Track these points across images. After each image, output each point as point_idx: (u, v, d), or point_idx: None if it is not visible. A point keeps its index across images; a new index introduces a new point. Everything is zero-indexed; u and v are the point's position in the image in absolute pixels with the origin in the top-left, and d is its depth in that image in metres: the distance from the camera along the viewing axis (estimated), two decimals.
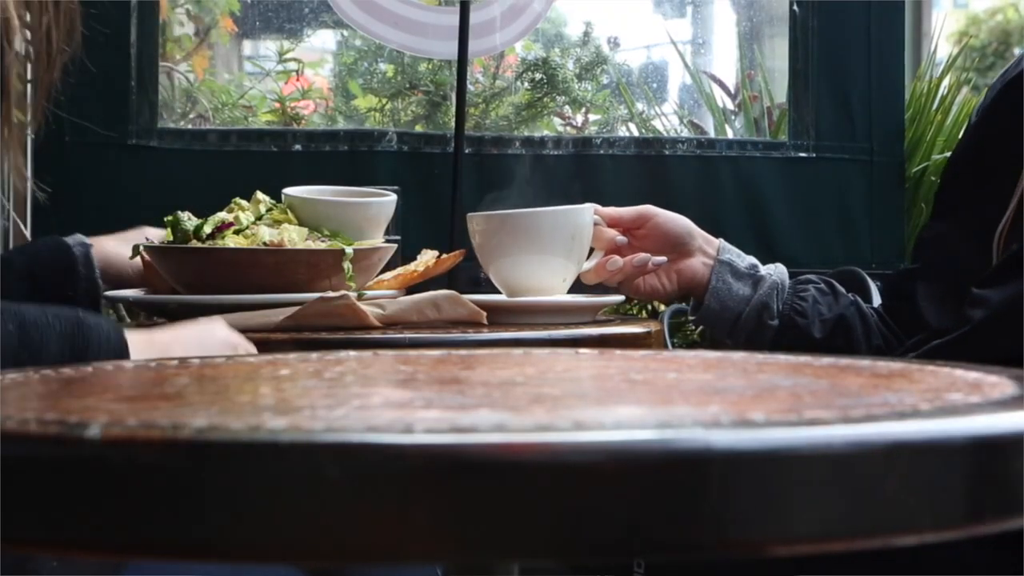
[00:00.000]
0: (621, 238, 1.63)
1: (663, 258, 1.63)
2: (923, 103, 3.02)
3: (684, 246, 1.65)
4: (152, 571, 1.19)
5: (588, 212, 1.61)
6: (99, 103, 2.37)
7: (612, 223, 1.64)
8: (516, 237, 1.60)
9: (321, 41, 4.12)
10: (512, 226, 1.61)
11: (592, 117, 3.40)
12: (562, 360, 0.86)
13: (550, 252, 1.58)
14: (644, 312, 2.87)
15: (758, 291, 1.63)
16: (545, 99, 3.21)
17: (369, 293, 1.57)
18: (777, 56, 3.18)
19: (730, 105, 3.39)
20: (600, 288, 1.78)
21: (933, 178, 2.85)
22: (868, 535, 0.53)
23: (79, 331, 1.25)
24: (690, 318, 1.70)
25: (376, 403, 0.64)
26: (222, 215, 1.60)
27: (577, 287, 1.68)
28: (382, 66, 3.55)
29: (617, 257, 1.62)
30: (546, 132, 3.22)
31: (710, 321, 1.67)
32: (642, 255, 1.62)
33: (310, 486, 0.49)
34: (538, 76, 3.20)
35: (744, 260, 1.66)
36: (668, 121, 3.50)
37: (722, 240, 1.68)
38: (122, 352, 1.27)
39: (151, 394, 0.72)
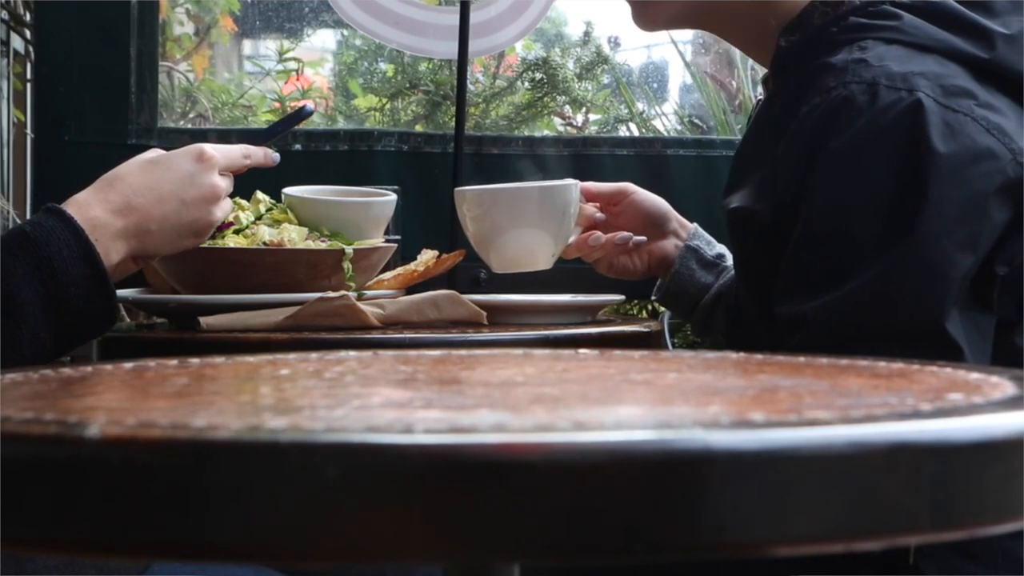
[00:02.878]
0: (599, 214, 1.63)
1: (643, 237, 1.63)
2: None
3: (659, 227, 1.65)
4: (178, 572, 1.18)
5: (578, 188, 1.61)
6: (99, 102, 2.37)
7: (590, 197, 1.64)
8: (510, 212, 1.60)
9: (321, 40, 4.12)
10: (506, 201, 1.61)
11: (592, 117, 3.40)
12: (562, 360, 0.86)
13: (543, 227, 1.58)
14: (644, 312, 2.87)
15: (719, 281, 1.63)
16: (545, 99, 3.21)
17: (369, 293, 1.57)
18: None
19: (731, 105, 3.39)
20: (600, 288, 1.78)
21: None
22: (868, 536, 0.53)
23: (41, 264, 1.22)
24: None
25: (376, 403, 0.64)
26: None
27: (565, 275, 1.69)
28: (382, 66, 3.55)
29: (599, 233, 1.62)
30: (546, 132, 3.22)
31: (669, 303, 1.68)
32: (624, 233, 1.62)
33: (310, 486, 0.49)
34: (538, 76, 3.20)
35: (713, 249, 1.66)
36: (668, 121, 3.49)
37: (696, 225, 1.68)
38: (87, 250, 1.24)
39: (151, 393, 0.72)
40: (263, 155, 1.46)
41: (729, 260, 1.64)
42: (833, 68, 1.29)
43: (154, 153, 1.38)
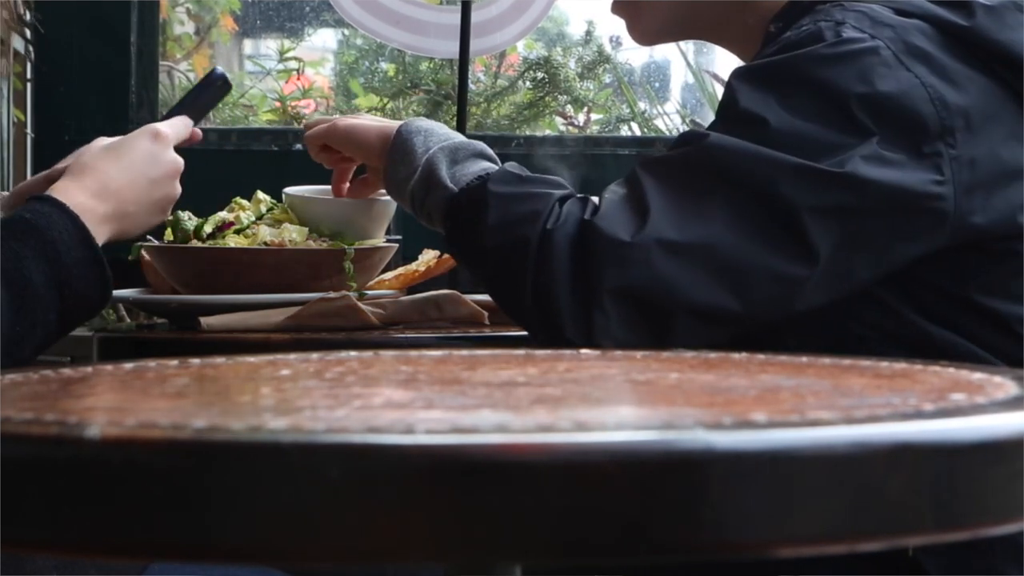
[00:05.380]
0: None
1: None
2: None
3: None
4: (176, 572, 1.19)
5: None
6: (99, 102, 2.37)
7: None
8: None
9: (322, 40, 4.12)
10: None
11: (594, 116, 3.40)
12: (564, 360, 0.86)
13: None
14: None
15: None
16: (547, 98, 3.21)
17: (370, 293, 1.57)
18: None
19: None
20: None
21: None
22: (871, 536, 0.52)
23: (46, 247, 1.25)
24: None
25: (377, 403, 0.64)
26: (222, 215, 1.60)
27: None
28: (383, 65, 3.55)
29: None
30: (548, 132, 3.22)
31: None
32: None
33: (311, 487, 0.48)
34: (540, 75, 3.20)
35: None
36: (670, 120, 3.49)
37: None
38: (84, 234, 1.28)
39: (151, 394, 0.71)
40: (189, 128, 1.49)
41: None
42: (811, 11, 1.31)
43: (108, 140, 1.42)
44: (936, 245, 1.26)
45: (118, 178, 1.36)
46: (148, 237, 1.62)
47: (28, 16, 3.19)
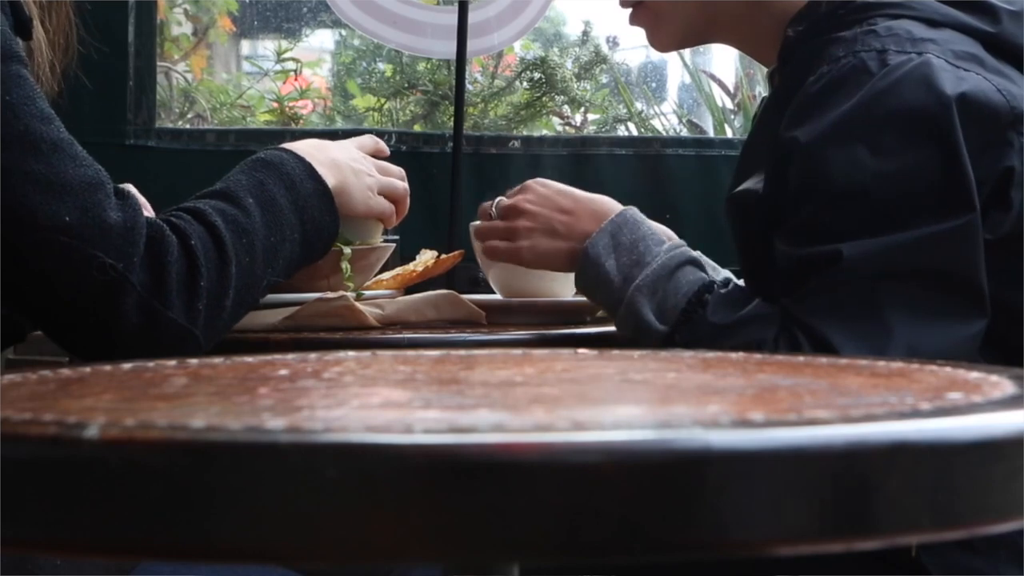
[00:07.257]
0: None
1: None
2: None
3: None
4: (162, 571, 1.19)
5: None
6: (97, 103, 2.37)
7: None
8: None
9: (319, 41, 4.12)
10: None
11: (591, 116, 3.40)
12: (561, 360, 0.86)
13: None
14: None
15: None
16: (544, 98, 3.21)
17: (368, 293, 1.57)
18: None
19: (729, 104, 3.39)
20: None
21: None
22: (869, 535, 0.53)
23: (283, 177, 1.36)
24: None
25: (375, 403, 0.64)
26: None
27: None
28: (380, 66, 3.55)
29: None
30: (545, 132, 3.22)
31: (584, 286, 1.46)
32: None
33: (309, 487, 0.49)
34: (537, 75, 3.20)
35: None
36: (667, 120, 3.50)
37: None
38: (311, 170, 1.39)
39: (150, 394, 0.71)
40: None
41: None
42: (842, 40, 1.30)
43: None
44: (998, 235, 1.26)
45: (334, 146, 1.47)
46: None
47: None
